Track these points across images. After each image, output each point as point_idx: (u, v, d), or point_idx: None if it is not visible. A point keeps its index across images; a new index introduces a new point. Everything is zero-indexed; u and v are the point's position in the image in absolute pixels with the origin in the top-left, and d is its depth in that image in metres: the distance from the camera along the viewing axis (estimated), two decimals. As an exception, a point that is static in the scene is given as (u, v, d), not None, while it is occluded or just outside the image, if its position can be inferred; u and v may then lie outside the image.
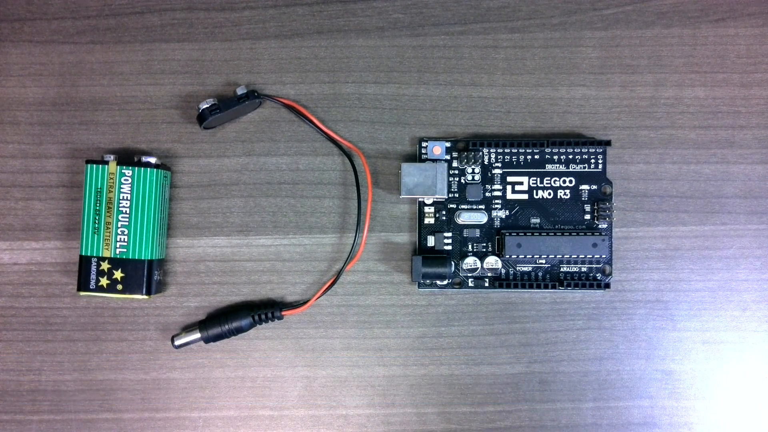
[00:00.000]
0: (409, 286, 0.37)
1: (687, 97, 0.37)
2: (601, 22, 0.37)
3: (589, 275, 0.36)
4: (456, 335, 0.37)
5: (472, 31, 0.38)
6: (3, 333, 0.37)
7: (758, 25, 0.37)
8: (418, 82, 0.37)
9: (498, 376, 0.37)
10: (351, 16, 0.38)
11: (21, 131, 0.37)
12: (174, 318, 0.37)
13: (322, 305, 0.37)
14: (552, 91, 0.37)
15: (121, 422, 0.37)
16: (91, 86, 0.37)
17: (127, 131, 0.37)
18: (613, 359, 0.37)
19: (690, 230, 0.37)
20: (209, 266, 0.37)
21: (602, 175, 0.37)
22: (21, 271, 0.37)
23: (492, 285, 0.36)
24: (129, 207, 0.35)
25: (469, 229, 0.37)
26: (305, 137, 0.37)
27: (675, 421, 0.37)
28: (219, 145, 0.37)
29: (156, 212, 0.35)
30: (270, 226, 0.37)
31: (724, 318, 0.37)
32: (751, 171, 0.37)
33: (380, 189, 0.37)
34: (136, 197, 0.35)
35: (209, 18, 0.38)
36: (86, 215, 0.35)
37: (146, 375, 0.37)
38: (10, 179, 0.37)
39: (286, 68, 0.37)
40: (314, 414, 0.37)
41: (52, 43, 0.38)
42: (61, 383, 0.37)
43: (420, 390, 0.37)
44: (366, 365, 0.37)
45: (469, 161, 0.36)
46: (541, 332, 0.37)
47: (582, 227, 0.36)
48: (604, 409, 0.37)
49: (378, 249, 0.37)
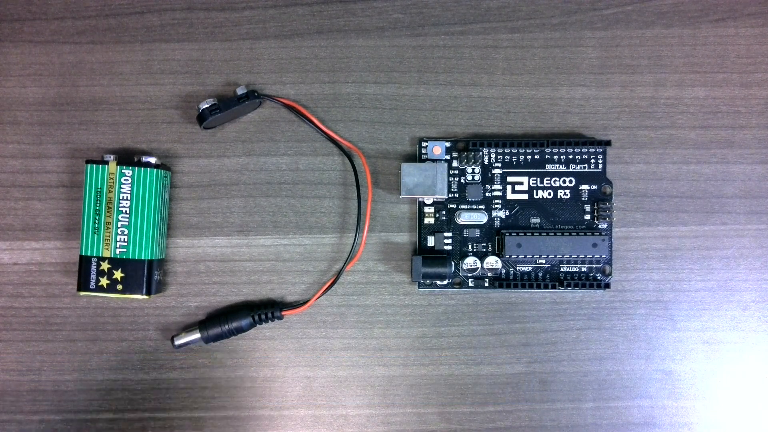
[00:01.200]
0: (409, 286, 0.37)
1: (687, 97, 0.37)
2: (601, 22, 0.37)
3: (589, 275, 0.36)
4: (456, 335, 0.37)
5: (472, 31, 0.38)
6: (3, 333, 0.37)
7: (758, 25, 0.37)
8: (418, 82, 0.37)
9: (498, 376, 0.37)
10: (351, 16, 0.38)
11: (21, 131, 0.37)
12: (174, 318, 0.37)
13: (322, 305, 0.37)
14: (552, 91, 0.37)
15: (121, 422, 0.37)
16: (91, 86, 0.37)
17: (127, 131, 0.37)
18: (613, 359, 0.37)
19: (690, 230, 0.37)
20: (209, 266, 0.37)
21: (602, 175, 0.37)
22: (21, 271, 0.37)
23: (492, 285, 0.36)
24: (129, 207, 0.35)
25: (469, 229, 0.37)
26: (305, 137, 0.37)
27: (675, 421, 0.37)
28: (219, 145, 0.37)
29: (156, 212, 0.35)
30: (270, 226, 0.37)
31: (724, 318, 0.37)
32: (751, 171, 0.37)
33: (380, 189, 0.37)
34: (136, 197, 0.35)
35: (209, 18, 0.38)
36: (86, 215, 0.35)
37: (146, 375, 0.37)
38: (10, 179, 0.37)
39: (286, 68, 0.38)
40: (314, 414, 0.37)
41: (52, 43, 0.38)
42: (61, 383, 0.37)
43: (420, 390, 0.37)
44: (366, 365, 0.37)
45: (469, 161, 0.36)
46: (541, 332, 0.37)
47: (582, 227, 0.36)
48: (604, 409, 0.37)
49: (378, 249, 0.37)
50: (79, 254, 0.35)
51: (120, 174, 0.35)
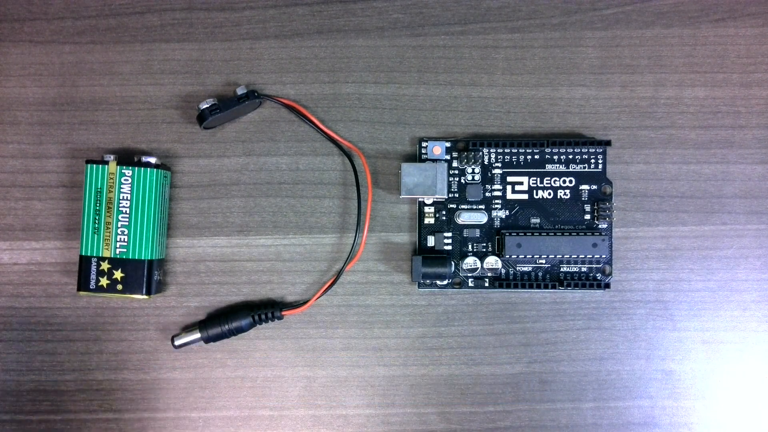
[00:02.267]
0: (409, 286, 0.37)
1: (687, 97, 0.37)
2: (601, 22, 0.37)
3: (589, 275, 0.36)
4: (456, 335, 0.37)
5: (472, 31, 0.38)
6: (3, 333, 0.37)
7: (758, 25, 0.37)
8: (418, 82, 0.37)
9: (498, 376, 0.37)
10: (351, 16, 0.38)
11: (21, 131, 0.37)
12: (174, 318, 0.37)
13: (322, 305, 0.37)
14: (552, 91, 0.37)
15: (121, 422, 0.37)
16: (91, 86, 0.37)
17: (127, 131, 0.37)
18: (613, 359, 0.37)
19: (690, 230, 0.37)
20: (209, 266, 0.37)
21: (602, 175, 0.37)
22: (21, 271, 0.37)
23: (492, 285, 0.36)
24: (129, 207, 0.35)
25: (469, 229, 0.37)
26: (305, 137, 0.37)
27: (675, 421, 0.37)
28: (219, 145, 0.37)
29: (156, 212, 0.35)
30: (270, 226, 0.37)
31: (724, 318, 0.37)
32: (751, 171, 0.37)
33: (380, 189, 0.37)
34: (136, 197, 0.35)
35: (209, 18, 0.38)
36: (86, 215, 0.35)
37: (146, 375, 0.37)
38: (10, 179, 0.37)
39: (286, 68, 0.37)
40: (314, 414, 0.37)
41: (52, 43, 0.38)
42: (61, 383, 0.37)
43: (420, 390, 0.37)
44: (366, 365, 0.37)
45: (469, 161, 0.36)
46: (541, 332, 0.37)
47: (582, 227, 0.36)
48: (604, 409, 0.37)
49: (378, 249, 0.37)
50: (79, 254, 0.35)
51: (120, 174, 0.35)
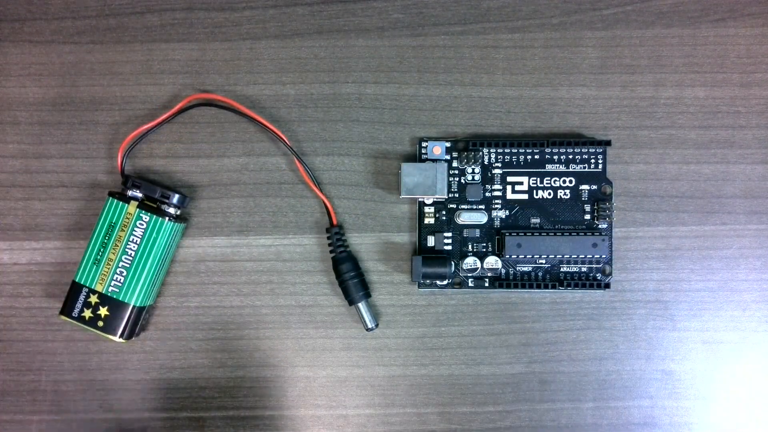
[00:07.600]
0: (409, 286, 0.37)
1: (687, 97, 0.37)
2: (601, 22, 0.37)
3: (589, 275, 0.36)
4: (456, 335, 0.37)
5: (472, 31, 0.38)
6: (3, 333, 0.37)
7: (758, 25, 0.37)
8: (418, 82, 0.37)
9: (498, 376, 0.37)
10: (351, 16, 0.38)
11: (21, 131, 0.37)
12: (174, 318, 0.37)
13: (322, 305, 0.37)
14: (552, 91, 0.37)
15: (121, 422, 0.37)
16: (91, 86, 0.37)
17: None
18: (613, 359, 0.37)
19: (690, 230, 0.37)
20: (209, 266, 0.37)
21: (602, 175, 0.37)
22: (21, 271, 0.37)
23: (492, 285, 0.36)
24: (135, 251, 0.35)
25: (469, 229, 0.37)
26: (305, 137, 0.37)
27: (675, 421, 0.37)
28: (219, 145, 0.37)
29: (159, 262, 0.35)
30: (270, 226, 0.37)
31: (724, 318, 0.37)
32: (751, 171, 0.37)
33: (380, 189, 0.37)
34: (145, 244, 0.35)
35: (209, 18, 0.38)
36: (92, 244, 0.35)
37: (146, 375, 0.37)
38: (10, 179, 0.37)
39: (286, 68, 0.37)
40: (314, 414, 0.37)
41: (52, 43, 0.38)
42: (61, 383, 0.37)
43: (420, 390, 0.37)
44: (366, 365, 0.37)
45: (469, 161, 0.36)
46: (541, 332, 0.37)
47: (582, 227, 0.36)
48: (604, 409, 0.37)
49: (378, 249, 0.37)
50: (72, 279, 0.35)
51: (137, 217, 0.35)
